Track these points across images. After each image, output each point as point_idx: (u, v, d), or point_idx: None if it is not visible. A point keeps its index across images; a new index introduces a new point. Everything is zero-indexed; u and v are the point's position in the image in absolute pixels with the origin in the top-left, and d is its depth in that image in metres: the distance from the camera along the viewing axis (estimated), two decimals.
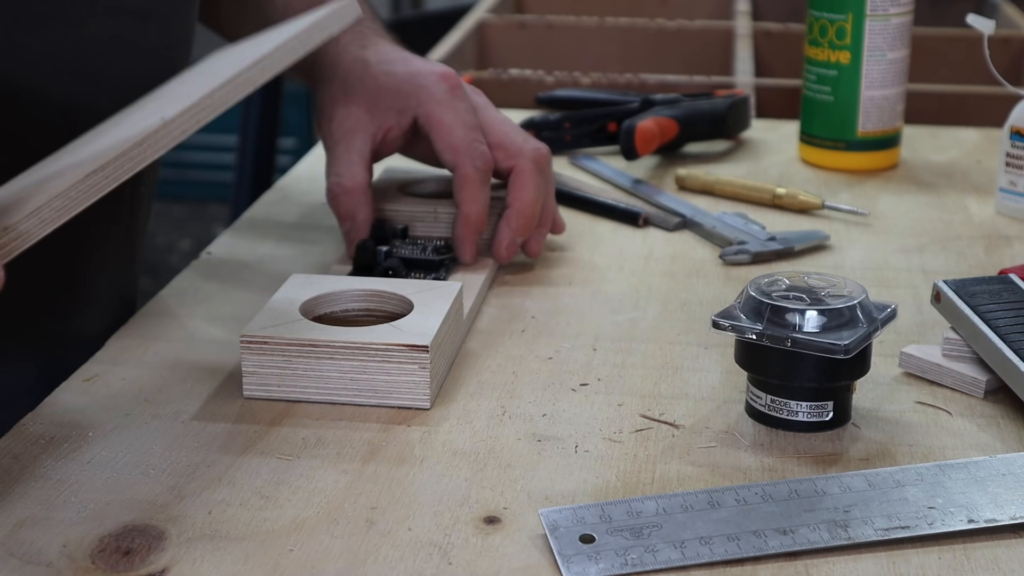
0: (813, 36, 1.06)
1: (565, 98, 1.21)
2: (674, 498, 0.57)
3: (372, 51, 0.86)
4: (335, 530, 0.56)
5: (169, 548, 0.55)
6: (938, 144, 1.16)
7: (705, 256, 0.89)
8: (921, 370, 0.71)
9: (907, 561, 0.54)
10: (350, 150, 0.83)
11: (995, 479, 0.59)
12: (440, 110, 0.82)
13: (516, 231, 0.82)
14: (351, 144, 0.83)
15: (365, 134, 0.83)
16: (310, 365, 0.67)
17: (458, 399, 0.68)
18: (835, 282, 0.66)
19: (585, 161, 1.08)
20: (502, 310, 0.79)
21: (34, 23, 0.72)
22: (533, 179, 0.82)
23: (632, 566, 0.53)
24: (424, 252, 0.82)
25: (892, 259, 0.89)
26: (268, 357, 0.67)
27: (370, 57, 0.85)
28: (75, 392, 0.68)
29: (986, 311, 0.69)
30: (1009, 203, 0.97)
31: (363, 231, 0.82)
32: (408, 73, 0.84)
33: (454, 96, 0.82)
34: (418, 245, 0.83)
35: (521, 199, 0.82)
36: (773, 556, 0.54)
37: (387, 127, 0.83)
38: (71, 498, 0.58)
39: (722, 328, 0.64)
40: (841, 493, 0.57)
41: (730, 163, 1.09)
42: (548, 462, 0.62)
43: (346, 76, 0.84)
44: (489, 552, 0.55)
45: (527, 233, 0.84)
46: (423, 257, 0.81)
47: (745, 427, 0.65)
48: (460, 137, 0.81)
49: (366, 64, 0.84)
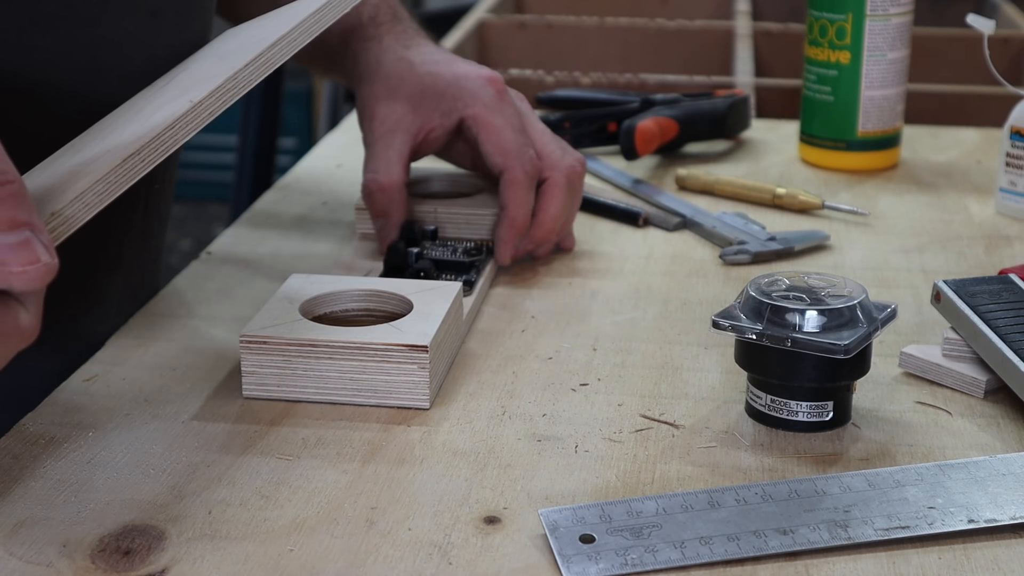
0: (813, 36, 1.06)
1: (565, 98, 1.21)
2: (674, 498, 0.57)
3: (415, 51, 0.86)
4: (335, 530, 0.56)
5: (169, 548, 0.55)
6: (938, 144, 1.16)
7: (705, 256, 0.89)
8: (921, 370, 0.71)
9: (907, 561, 0.54)
10: (389, 148, 0.83)
11: (995, 479, 0.59)
12: (490, 114, 0.82)
13: (531, 241, 0.84)
14: (391, 142, 0.83)
15: (406, 133, 0.84)
16: (310, 365, 0.67)
17: (458, 399, 0.68)
18: (835, 282, 0.66)
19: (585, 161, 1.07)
20: (502, 310, 0.79)
21: (46, 23, 0.72)
22: (562, 194, 0.83)
23: (632, 566, 0.53)
24: (455, 254, 0.82)
25: (892, 259, 0.89)
26: (268, 357, 0.67)
27: (414, 57, 0.86)
28: (75, 392, 0.69)
29: (986, 311, 0.69)
30: (1009, 203, 0.97)
31: (394, 230, 0.83)
32: (454, 75, 0.84)
33: (502, 100, 0.83)
34: (448, 247, 0.83)
35: (545, 212, 0.83)
36: (773, 556, 0.54)
37: (430, 127, 0.84)
38: (71, 498, 0.58)
39: (722, 328, 0.64)
40: (841, 493, 0.57)
41: (730, 163, 1.09)
42: (548, 462, 0.62)
43: (389, 75, 0.85)
44: (489, 552, 0.55)
45: (540, 245, 0.85)
46: (454, 259, 0.81)
47: (745, 427, 0.65)
48: (510, 140, 0.82)
49: (410, 64, 0.85)
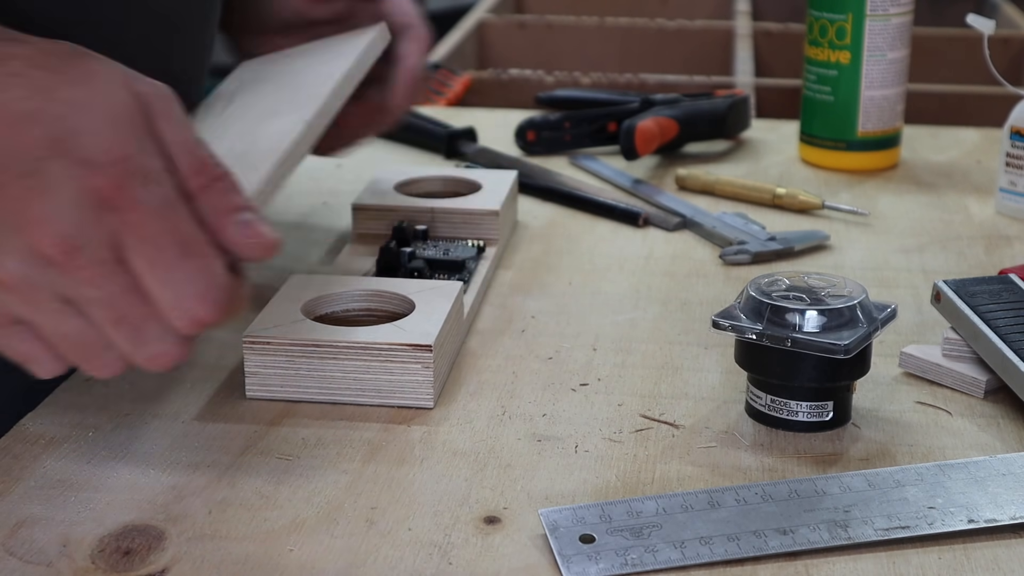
0: (813, 36, 1.06)
1: (565, 98, 1.21)
2: (674, 498, 0.57)
3: None
4: (335, 530, 0.56)
5: (169, 548, 0.55)
6: (938, 144, 1.16)
7: (705, 256, 0.89)
8: (921, 370, 0.71)
9: (907, 561, 0.54)
10: None
11: (995, 479, 0.59)
12: None
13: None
14: None
15: None
16: (313, 365, 0.66)
17: (458, 399, 0.68)
18: (835, 282, 0.66)
19: (585, 161, 1.07)
20: (502, 310, 0.79)
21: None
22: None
23: (632, 566, 0.53)
24: (447, 253, 0.81)
25: (892, 259, 0.89)
26: (271, 357, 0.67)
27: None
28: (75, 392, 0.68)
29: (986, 311, 0.69)
30: (1009, 203, 0.97)
31: None
32: None
33: None
34: (440, 246, 0.83)
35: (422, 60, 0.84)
36: (773, 556, 0.54)
37: None
38: (71, 498, 0.58)
39: (722, 328, 0.64)
40: (841, 493, 0.57)
41: (730, 163, 1.09)
42: (548, 462, 0.62)
43: None
44: (489, 552, 0.55)
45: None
46: (447, 258, 0.81)
47: (745, 427, 0.65)
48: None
49: None
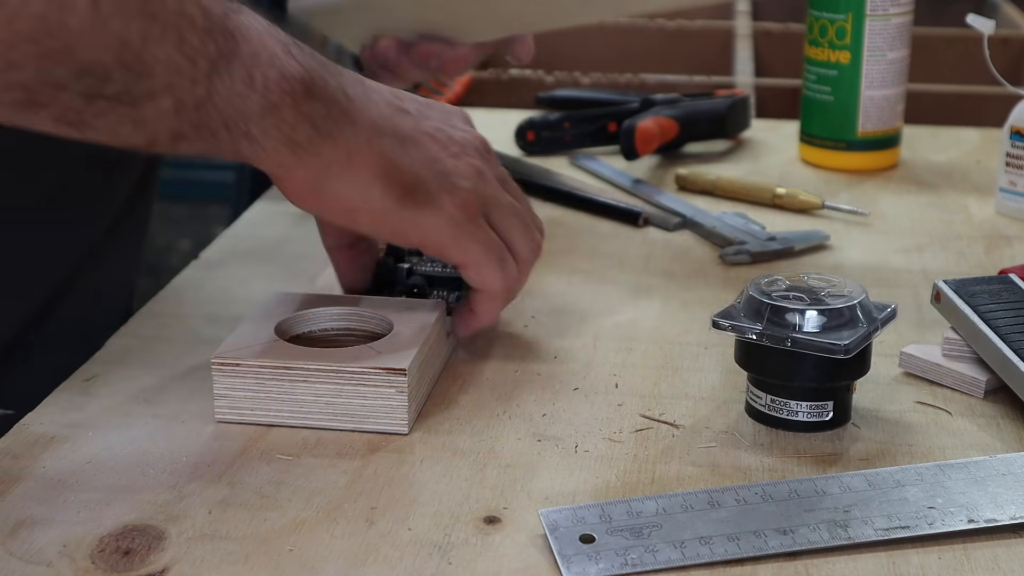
0: (813, 36, 1.06)
1: (565, 98, 1.21)
2: (674, 498, 0.57)
3: None
4: (335, 530, 0.56)
5: (169, 548, 0.55)
6: (938, 144, 1.15)
7: (705, 256, 0.89)
8: (921, 370, 0.71)
9: (907, 561, 0.54)
10: None
11: (995, 479, 0.59)
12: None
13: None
14: None
15: None
16: (284, 388, 0.64)
17: (458, 399, 0.68)
18: (835, 282, 0.66)
19: (585, 161, 1.07)
20: (502, 310, 0.79)
21: None
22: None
23: (632, 566, 0.53)
24: (446, 268, 0.77)
25: (892, 259, 0.89)
26: (240, 379, 0.64)
27: None
28: (75, 392, 0.68)
29: (986, 311, 0.69)
30: (1009, 203, 0.97)
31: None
32: None
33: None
34: (437, 262, 0.78)
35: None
36: (773, 556, 0.54)
37: None
38: (71, 498, 0.58)
39: (722, 328, 0.64)
40: (841, 493, 0.57)
41: (730, 163, 1.09)
42: (548, 462, 0.62)
43: None
44: (489, 552, 0.55)
45: None
46: (446, 274, 0.77)
47: (745, 427, 0.65)
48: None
49: None
